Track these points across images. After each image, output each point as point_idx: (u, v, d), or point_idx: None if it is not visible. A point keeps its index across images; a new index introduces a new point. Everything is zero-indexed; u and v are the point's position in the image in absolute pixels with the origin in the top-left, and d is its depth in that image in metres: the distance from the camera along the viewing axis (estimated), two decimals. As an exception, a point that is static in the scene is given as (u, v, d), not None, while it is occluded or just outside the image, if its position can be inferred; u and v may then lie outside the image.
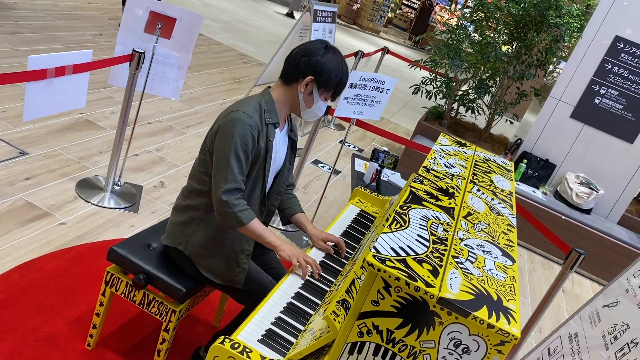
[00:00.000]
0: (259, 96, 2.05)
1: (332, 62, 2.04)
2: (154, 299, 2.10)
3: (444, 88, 5.83)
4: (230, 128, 1.92)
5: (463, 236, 1.66)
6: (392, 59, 12.42)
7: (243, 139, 1.92)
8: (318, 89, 2.04)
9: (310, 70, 2.01)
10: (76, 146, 3.81)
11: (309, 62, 2.01)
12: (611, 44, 5.12)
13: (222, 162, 1.92)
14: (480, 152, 2.58)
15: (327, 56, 2.02)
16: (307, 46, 2.05)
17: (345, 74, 2.09)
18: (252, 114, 1.95)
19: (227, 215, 1.93)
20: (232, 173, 1.92)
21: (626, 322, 2.21)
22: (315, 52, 2.02)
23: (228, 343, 1.53)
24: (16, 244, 2.72)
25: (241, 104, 1.99)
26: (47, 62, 2.47)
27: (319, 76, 2.02)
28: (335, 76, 2.04)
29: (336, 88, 2.08)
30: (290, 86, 2.05)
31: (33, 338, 2.22)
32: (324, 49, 2.04)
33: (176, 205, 2.13)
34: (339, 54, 2.08)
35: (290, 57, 2.05)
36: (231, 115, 1.94)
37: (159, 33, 3.20)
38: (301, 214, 2.28)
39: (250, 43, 9.13)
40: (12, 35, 5.30)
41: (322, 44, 2.06)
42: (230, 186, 1.92)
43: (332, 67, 2.03)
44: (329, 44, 2.08)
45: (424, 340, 1.35)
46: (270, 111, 2.03)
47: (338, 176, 5.11)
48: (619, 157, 5.31)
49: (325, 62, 2.02)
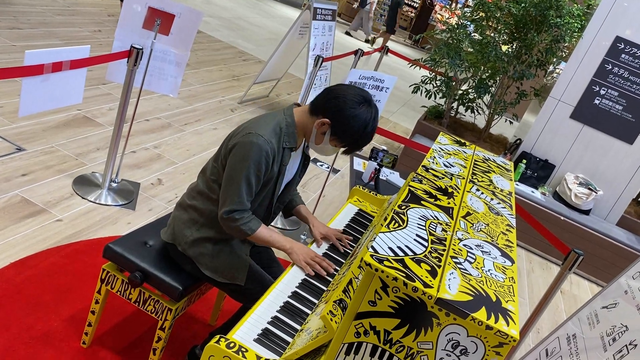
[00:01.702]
0: (281, 115, 1.99)
1: (358, 120, 1.92)
2: (150, 297, 2.08)
3: (443, 87, 5.81)
4: (246, 151, 1.87)
5: (462, 236, 1.64)
6: (392, 58, 12.41)
7: (257, 165, 1.89)
8: (331, 134, 1.96)
9: (331, 114, 1.93)
10: (73, 143, 3.79)
11: (336, 107, 1.92)
12: (612, 44, 5.10)
13: (233, 183, 1.90)
14: (479, 152, 2.57)
15: (356, 111, 1.91)
16: (344, 89, 1.95)
17: (367, 136, 1.97)
18: (270, 139, 1.90)
19: (232, 229, 1.96)
20: (239, 196, 1.91)
21: (625, 324, 2.20)
22: (348, 101, 1.91)
23: (223, 342, 1.51)
24: (12, 240, 2.70)
25: (261, 125, 1.92)
26: (44, 57, 2.45)
27: (337, 125, 1.93)
28: (354, 135, 1.94)
29: (351, 145, 1.98)
30: (311, 116, 1.98)
31: (28, 335, 2.20)
32: (358, 103, 1.92)
33: (181, 202, 2.12)
34: (374, 114, 1.96)
35: (327, 90, 1.97)
36: (250, 137, 1.88)
37: (158, 29, 3.18)
38: (302, 206, 2.29)
39: (249, 41, 9.10)
40: (10, 31, 5.28)
41: (363, 97, 1.94)
42: (236, 207, 1.92)
43: (355, 125, 1.92)
44: (370, 99, 1.97)
45: (422, 341, 1.34)
46: (289, 135, 1.97)
47: (337, 175, 5.09)
48: (619, 158, 5.30)
49: (350, 116, 1.91)
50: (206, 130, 4.86)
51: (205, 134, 4.78)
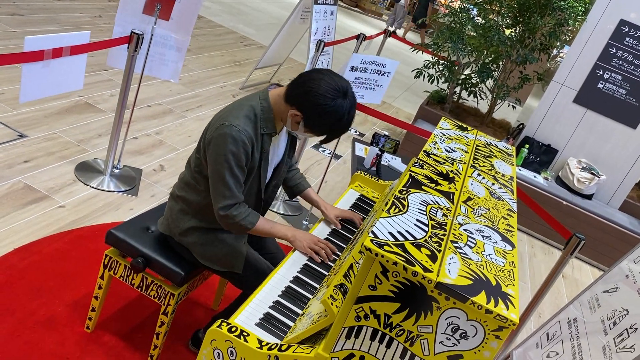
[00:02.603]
0: (256, 99, 1.92)
1: (331, 115, 1.83)
2: (152, 282, 2.09)
3: (446, 72, 5.78)
4: (222, 145, 1.83)
5: (462, 221, 1.64)
6: (395, 42, 12.32)
7: (236, 156, 1.84)
8: (305, 126, 1.89)
9: (303, 106, 1.84)
10: (75, 129, 3.79)
11: (308, 101, 1.82)
12: (616, 27, 5.05)
13: (218, 179, 1.88)
14: (481, 137, 2.56)
15: (329, 107, 1.82)
16: (318, 83, 1.82)
17: (344, 128, 1.89)
18: (244, 127, 1.84)
19: (230, 226, 1.95)
20: (229, 189, 1.88)
21: (625, 308, 2.21)
22: (320, 96, 1.81)
23: (225, 327, 1.53)
24: (15, 226, 2.71)
25: (233, 114, 1.86)
26: (44, 43, 2.44)
27: (308, 117, 1.85)
28: (328, 127, 1.87)
29: (326, 136, 1.92)
30: (286, 104, 1.89)
31: (32, 320, 2.22)
32: (332, 97, 1.81)
33: (172, 192, 2.12)
34: (349, 106, 1.86)
35: (300, 79, 1.86)
36: (223, 129, 1.83)
37: (158, 14, 3.16)
38: (310, 189, 2.30)
39: (251, 25, 9.05)
40: (10, 17, 5.25)
41: (336, 88, 1.82)
42: (229, 202, 1.90)
43: (328, 119, 1.84)
44: (347, 90, 1.85)
45: (422, 325, 1.35)
46: (266, 120, 1.91)
47: (338, 161, 5.09)
48: (622, 142, 5.28)
49: (323, 112, 1.82)
50: (208, 116, 4.86)
51: (206, 120, 4.77)
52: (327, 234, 2.15)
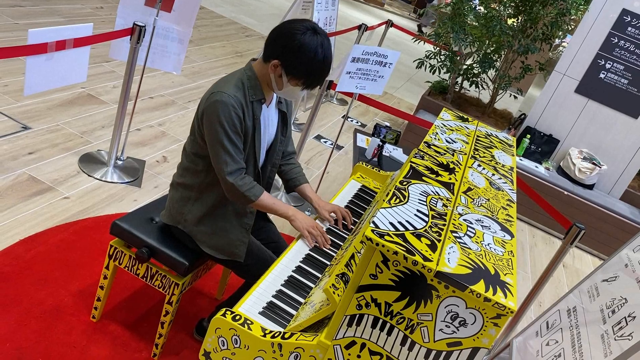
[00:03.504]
0: (242, 71, 1.97)
1: (305, 49, 1.83)
2: (157, 272, 2.12)
3: (448, 62, 5.78)
4: (214, 112, 1.86)
5: (462, 211, 1.67)
6: (396, 32, 12.28)
7: (229, 120, 1.87)
8: (286, 74, 1.89)
9: (278, 52, 1.85)
10: (78, 121, 3.81)
11: (280, 43, 1.84)
12: (618, 17, 5.04)
13: (217, 147, 1.90)
14: (482, 127, 2.57)
15: (300, 41, 1.82)
16: (286, 25, 1.87)
17: (322, 65, 1.87)
18: (233, 93, 1.87)
19: (236, 196, 1.96)
20: (229, 155, 1.91)
21: (624, 297, 2.23)
22: (290, 34, 1.83)
23: (229, 315, 1.56)
24: (20, 217, 2.75)
25: (221, 84, 1.91)
26: (48, 35, 2.46)
27: (286, 61, 1.85)
28: (306, 66, 1.85)
29: (307, 78, 1.90)
30: (265, 63, 1.92)
31: (39, 310, 2.26)
32: (301, 32, 1.83)
33: (172, 182, 2.14)
34: (321, 40, 1.86)
35: (271, 32, 1.90)
36: (213, 97, 1.87)
37: (160, 6, 3.17)
38: (306, 184, 2.29)
39: (252, 16, 9.03)
40: (12, 9, 5.26)
41: (305, 25, 1.85)
42: (232, 168, 1.92)
43: (303, 55, 1.83)
44: (316, 27, 1.87)
45: (422, 313, 1.38)
46: (253, 87, 1.94)
47: (340, 151, 5.11)
48: (623, 132, 5.29)
49: (297, 47, 1.82)
50: (210, 108, 4.87)
51: (209, 111, 4.78)
52: (328, 225, 2.17)
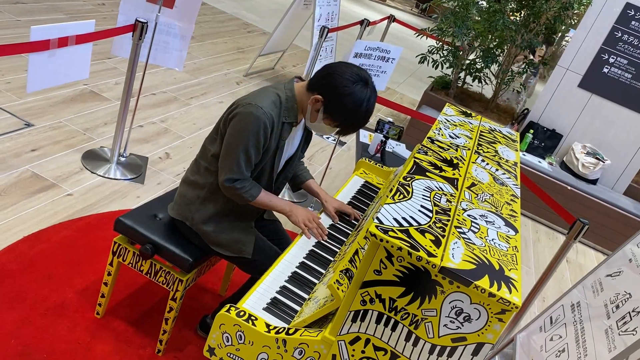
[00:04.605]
0: (282, 87, 1.99)
1: (351, 98, 1.87)
2: (161, 268, 2.13)
3: (450, 57, 5.76)
4: (245, 122, 1.88)
5: (466, 207, 1.66)
6: (399, 28, 12.24)
7: (255, 136, 1.89)
8: (324, 112, 1.94)
9: (325, 89, 1.89)
10: (81, 117, 3.82)
11: (330, 83, 1.88)
12: (621, 11, 5.02)
13: (231, 153, 1.92)
14: (485, 123, 2.57)
15: (350, 89, 1.86)
16: (342, 66, 1.90)
17: (361, 116, 1.92)
18: (269, 111, 1.89)
19: (233, 195, 1.99)
20: (238, 166, 1.93)
21: (628, 292, 2.23)
22: (343, 79, 1.87)
23: (234, 311, 1.56)
24: (24, 215, 2.75)
25: (260, 96, 1.92)
26: (50, 32, 2.46)
27: (329, 101, 1.90)
28: (347, 113, 1.90)
29: (343, 124, 1.94)
30: (308, 92, 1.96)
31: (43, 307, 2.27)
32: (353, 81, 1.87)
33: (185, 178, 2.14)
34: (369, 95, 1.90)
35: (325, 66, 1.93)
36: (249, 108, 1.88)
37: (162, 2, 3.17)
38: (311, 180, 2.32)
39: (254, 12, 9.01)
40: (14, 6, 5.26)
41: (359, 75, 1.89)
42: (234, 177, 1.94)
43: (347, 103, 1.87)
44: (369, 79, 1.91)
45: (426, 308, 1.37)
46: (289, 109, 1.96)
47: (343, 147, 5.10)
48: (627, 127, 5.27)
49: (343, 94, 1.87)
50: (212, 104, 4.87)
51: (211, 108, 4.79)
52: (328, 226, 2.16)
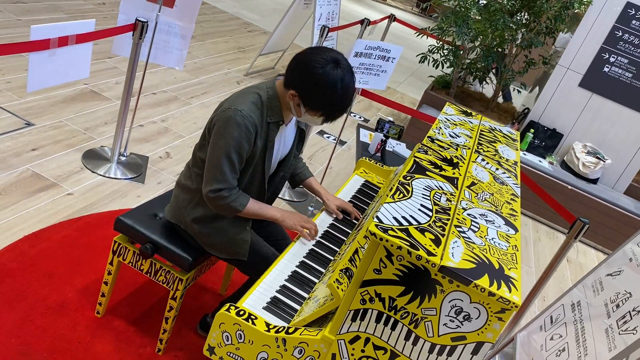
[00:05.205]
0: (264, 88, 1.92)
1: (324, 82, 1.75)
2: (161, 267, 2.13)
3: (451, 56, 5.76)
4: (224, 128, 1.82)
5: (466, 206, 1.66)
6: (399, 27, 12.24)
7: (237, 141, 1.83)
8: (304, 105, 1.85)
9: (296, 83, 1.80)
10: (81, 117, 3.82)
11: (299, 74, 1.78)
12: (622, 10, 5.01)
13: (214, 161, 1.87)
14: (485, 122, 2.57)
15: (321, 73, 1.75)
16: (307, 54, 1.80)
17: (341, 99, 1.80)
18: (249, 113, 1.83)
19: (220, 207, 1.94)
20: (222, 174, 1.88)
21: (629, 291, 2.22)
22: (310, 66, 1.76)
23: (234, 310, 1.56)
24: (24, 214, 2.75)
25: (240, 100, 1.86)
26: (50, 32, 2.46)
27: (303, 93, 1.80)
28: (324, 99, 1.79)
29: (325, 111, 1.83)
30: (286, 89, 1.88)
31: (43, 306, 2.27)
32: (321, 65, 1.76)
33: (178, 181, 2.13)
34: (342, 74, 1.78)
35: (292, 58, 1.84)
36: (228, 112, 1.83)
37: (162, 2, 3.17)
38: (312, 178, 2.30)
39: (254, 11, 9.01)
40: (14, 5, 5.26)
41: (326, 57, 1.77)
42: (219, 186, 1.89)
43: (320, 89, 1.77)
44: (339, 59, 1.79)
45: (426, 307, 1.37)
46: (272, 109, 1.90)
47: (343, 147, 5.10)
48: (627, 126, 5.26)
49: (314, 82, 1.76)
50: (213, 103, 4.87)
51: (211, 107, 4.79)
52: (328, 225, 2.17)
